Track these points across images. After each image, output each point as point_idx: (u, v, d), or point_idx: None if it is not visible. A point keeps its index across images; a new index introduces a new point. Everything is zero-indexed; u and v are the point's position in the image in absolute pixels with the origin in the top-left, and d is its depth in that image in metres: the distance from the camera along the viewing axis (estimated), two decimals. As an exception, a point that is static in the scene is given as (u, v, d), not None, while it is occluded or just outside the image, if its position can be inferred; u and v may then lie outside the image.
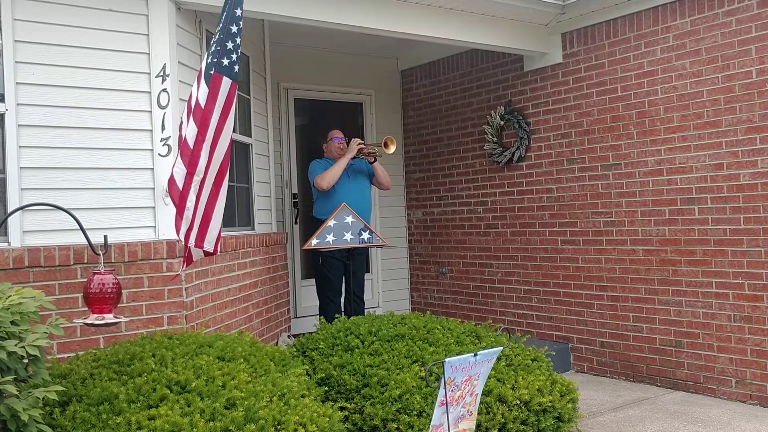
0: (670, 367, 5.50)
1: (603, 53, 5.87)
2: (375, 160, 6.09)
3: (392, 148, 6.01)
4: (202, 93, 3.39)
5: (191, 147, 3.36)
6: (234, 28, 3.42)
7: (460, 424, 3.10)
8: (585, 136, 6.03)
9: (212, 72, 3.39)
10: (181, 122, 3.57)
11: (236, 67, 3.43)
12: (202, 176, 3.39)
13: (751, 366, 5.01)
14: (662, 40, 5.45)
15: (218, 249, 3.57)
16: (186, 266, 3.73)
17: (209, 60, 3.43)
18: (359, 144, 5.96)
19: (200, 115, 3.36)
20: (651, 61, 5.53)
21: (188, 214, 3.39)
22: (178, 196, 3.38)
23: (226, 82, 3.40)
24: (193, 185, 3.37)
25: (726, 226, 5.12)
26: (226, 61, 3.40)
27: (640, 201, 5.63)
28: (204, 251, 3.56)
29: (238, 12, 3.44)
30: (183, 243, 3.47)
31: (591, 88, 5.97)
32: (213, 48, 3.46)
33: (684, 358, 5.41)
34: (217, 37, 3.48)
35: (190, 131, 3.38)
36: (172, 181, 3.41)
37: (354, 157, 5.97)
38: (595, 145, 5.94)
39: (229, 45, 3.41)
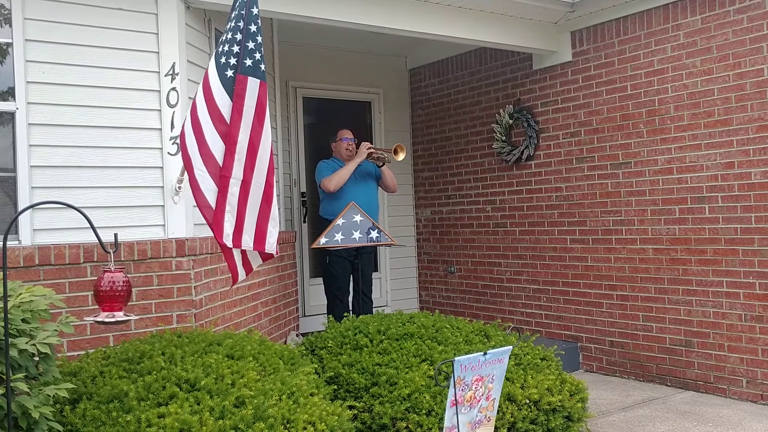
0: (681, 366, 5.47)
1: (613, 51, 5.84)
2: (383, 164, 6.10)
3: (401, 156, 6.01)
4: (220, 97, 3.35)
5: (213, 152, 3.34)
6: (253, 27, 3.40)
7: (478, 429, 3.08)
8: (594, 134, 6.00)
9: (230, 73, 3.35)
10: (184, 122, 3.54)
11: (262, 66, 3.39)
12: (241, 179, 3.36)
13: (762, 366, 4.97)
14: (673, 38, 5.42)
15: (277, 250, 3.59)
16: (247, 275, 3.70)
17: (223, 61, 3.39)
18: (369, 148, 5.97)
19: (222, 119, 3.34)
20: (661, 59, 5.50)
21: (229, 218, 3.37)
22: (207, 205, 3.35)
23: (253, 83, 3.36)
24: (231, 189, 3.35)
25: (737, 225, 5.09)
26: (249, 62, 3.37)
27: (650, 200, 5.60)
28: (264, 254, 3.57)
29: (255, 11, 3.42)
30: (230, 246, 3.45)
31: (600, 86, 5.95)
32: (224, 48, 3.42)
33: (694, 357, 5.38)
34: (229, 36, 3.45)
35: (211, 136, 3.35)
36: (196, 186, 3.36)
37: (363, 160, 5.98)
38: (605, 143, 5.91)
39: (251, 45, 3.38)
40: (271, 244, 3.48)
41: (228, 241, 3.43)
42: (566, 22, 6.13)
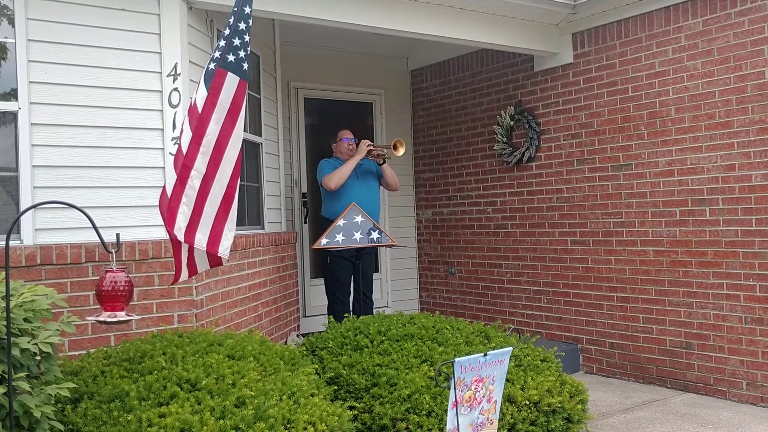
0: (681, 368, 5.47)
1: (614, 53, 5.85)
2: (384, 162, 6.10)
3: (401, 151, 6.02)
4: (200, 93, 3.25)
5: (183, 149, 3.21)
6: (242, 25, 3.29)
7: None
8: (595, 136, 6.01)
9: (212, 66, 3.25)
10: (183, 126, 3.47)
11: (245, 65, 3.23)
12: (203, 173, 3.19)
13: (762, 368, 4.98)
14: (674, 40, 5.42)
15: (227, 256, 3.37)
16: (189, 276, 3.47)
17: (212, 55, 3.34)
18: (368, 146, 5.98)
19: (196, 114, 3.20)
20: (662, 61, 5.50)
21: (185, 210, 3.18)
22: (166, 203, 3.24)
23: (232, 79, 3.19)
24: (191, 181, 3.17)
25: (737, 228, 5.09)
26: (231, 57, 3.23)
27: (651, 202, 5.61)
28: (213, 258, 3.39)
29: (247, 10, 3.36)
30: (180, 241, 3.23)
31: (602, 88, 5.95)
32: (218, 43, 3.40)
33: (694, 359, 5.38)
34: (224, 33, 3.43)
35: (185, 135, 3.25)
36: (163, 190, 3.29)
37: (363, 158, 5.98)
38: (606, 145, 5.92)
39: (236, 41, 3.25)
40: (225, 248, 3.25)
41: (179, 234, 3.20)
42: (568, 23, 6.13)
